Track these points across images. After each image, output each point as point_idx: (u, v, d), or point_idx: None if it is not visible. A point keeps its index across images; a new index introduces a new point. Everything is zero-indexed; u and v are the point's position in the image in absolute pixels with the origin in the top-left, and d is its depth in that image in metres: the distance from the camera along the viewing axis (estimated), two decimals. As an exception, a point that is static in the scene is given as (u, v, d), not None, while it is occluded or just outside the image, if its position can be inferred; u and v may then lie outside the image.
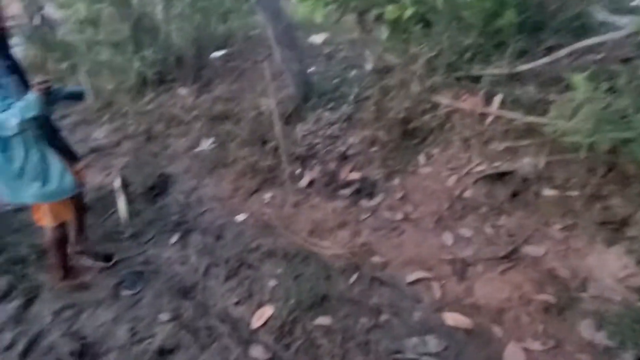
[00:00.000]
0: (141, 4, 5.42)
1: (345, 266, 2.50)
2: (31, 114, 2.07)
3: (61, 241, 2.56)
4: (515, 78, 2.92)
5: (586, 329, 1.90)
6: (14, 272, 2.78)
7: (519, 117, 2.69)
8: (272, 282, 2.48)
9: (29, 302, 2.56)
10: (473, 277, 2.27)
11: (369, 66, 3.29)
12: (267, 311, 2.30)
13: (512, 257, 2.29)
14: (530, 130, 2.67)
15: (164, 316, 2.34)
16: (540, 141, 2.61)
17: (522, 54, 3.18)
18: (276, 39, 3.64)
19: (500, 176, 2.68)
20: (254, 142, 3.79)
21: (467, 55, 3.07)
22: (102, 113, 5.61)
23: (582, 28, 3.36)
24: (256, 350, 2.10)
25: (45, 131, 2.34)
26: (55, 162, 2.35)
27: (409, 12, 2.84)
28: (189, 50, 5.60)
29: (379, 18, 3.23)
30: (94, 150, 4.60)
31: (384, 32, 3.41)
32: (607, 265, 2.12)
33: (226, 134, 4.08)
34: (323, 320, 2.17)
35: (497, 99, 2.86)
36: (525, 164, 2.59)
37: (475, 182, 2.74)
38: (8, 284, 2.67)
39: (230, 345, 2.14)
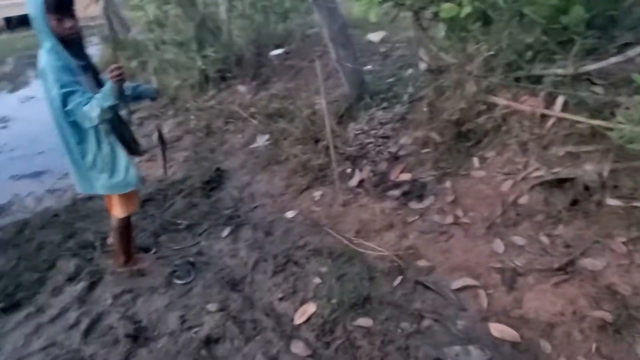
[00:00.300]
0: (205, 5, 5.66)
1: (389, 268, 2.49)
2: (109, 102, 2.15)
3: (126, 229, 2.74)
4: (581, 79, 2.74)
5: (646, 352, 1.76)
6: (81, 256, 3.03)
7: (583, 121, 2.53)
8: (316, 280, 2.51)
9: (93, 285, 2.77)
10: (523, 287, 2.17)
11: (422, 66, 3.22)
12: (310, 308, 2.33)
13: (567, 269, 2.17)
14: (594, 135, 2.51)
15: (212, 306, 2.45)
16: (605, 147, 2.44)
17: (591, 53, 2.98)
18: (331, 38, 3.66)
19: (560, 183, 2.54)
20: (306, 141, 3.84)
21: (529, 54, 2.92)
22: (167, 109, 5.93)
23: (665, 23, 3.10)
24: (297, 346, 2.14)
25: (114, 124, 2.51)
26: (122, 155, 2.53)
27: (466, 10, 2.74)
28: (249, 49, 5.78)
29: (435, 16, 3.16)
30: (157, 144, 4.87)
31: (440, 31, 3.34)
32: (675, 285, 1.95)
33: (280, 131, 4.17)
34: (364, 321, 2.18)
35: (560, 101, 2.71)
36: (588, 170, 2.43)
37: (532, 188, 2.61)
38: (75, 267, 2.91)
39: (273, 340, 2.20)
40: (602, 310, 1.95)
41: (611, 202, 2.32)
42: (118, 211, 2.59)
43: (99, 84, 2.37)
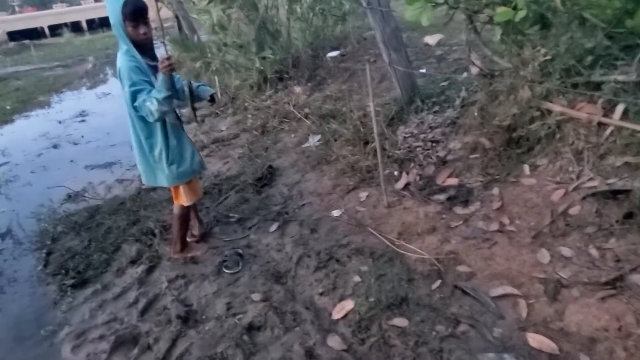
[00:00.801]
0: (266, 9, 5.88)
1: (429, 272, 2.51)
2: (162, 94, 2.33)
3: (185, 218, 2.97)
4: (645, 86, 2.60)
5: (695, 376, 1.67)
6: (142, 242, 3.30)
7: (644, 130, 2.41)
8: (356, 278, 2.58)
9: (151, 269, 3.02)
10: (566, 300, 2.11)
11: (474, 70, 3.18)
12: (348, 305, 2.41)
13: (616, 284, 2.08)
14: (656, 146, 2.38)
15: (256, 296, 2.59)
16: (667, 159, 2.31)
17: (660, 59, 2.81)
18: (383, 41, 3.70)
19: (614, 194, 2.43)
20: (356, 142, 3.91)
21: (589, 59, 2.81)
22: (227, 107, 6.23)
23: None
24: (333, 340, 2.23)
25: (176, 116, 2.73)
26: (188, 145, 2.75)
27: (521, 14, 2.69)
28: (306, 51, 5.94)
29: (490, 19, 3.11)
30: (215, 140, 5.15)
31: (496, 34, 3.28)
32: None
33: (332, 132, 4.27)
34: (399, 321, 2.22)
35: (620, 109, 2.59)
36: (646, 183, 2.32)
37: (584, 198, 2.52)
38: (137, 251, 3.17)
39: (310, 332, 2.30)
40: (650, 329, 1.87)
41: (670, 217, 2.20)
42: (184, 200, 2.82)
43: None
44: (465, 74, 4.15)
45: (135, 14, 2.39)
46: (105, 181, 4.66)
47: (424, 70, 4.46)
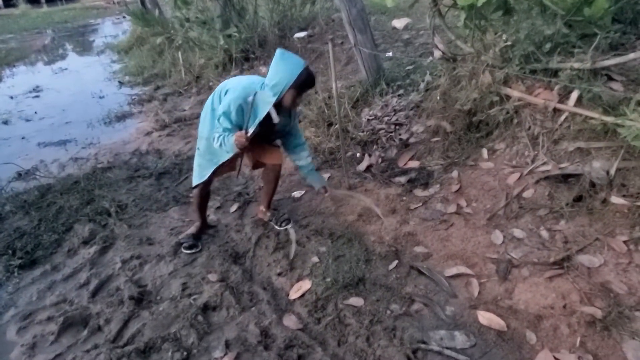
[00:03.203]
0: (232, -15, 5.71)
1: (386, 252, 2.52)
2: (226, 149, 2.41)
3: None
4: (600, 74, 2.67)
5: (631, 350, 1.75)
6: (96, 222, 3.18)
7: (596, 117, 2.48)
8: (314, 259, 2.57)
9: (104, 249, 2.92)
10: (516, 279, 2.17)
11: (437, 54, 3.19)
12: (305, 285, 2.40)
13: (563, 264, 2.15)
14: (607, 132, 2.45)
15: (213, 277, 2.54)
16: (616, 144, 2.39)
17: (615, 48, 2.89)
18: (349, 22, 3.65)
19: (566, 178, 2.50)
20: (320, 124, 3.88)
21: (547, 46, 2.86)
22: (191, 86, 6.05)
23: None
24: (289, 320, 2.21)
25: None
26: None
27: (483, -1, 2.70)
28: (273, 31, 5.82)
29: (454, 4, 3.11)
30: (178, 120, 5.00)
31: (460, 19, 3.29)
32: (672, 287, 1.92)
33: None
34: (355, 301, 2.23)
35: (574, 95, 2.65)
36: (596, 167, 2.39)
37: (538, 182, 2.59)
38: (90, 231, 3.05)
39: (267, 312, 2.27)
40: (593, 306, 1.94)
41: (616, 200, 2.28)
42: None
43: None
44: (430, 58, 4.17)
45: (305, 87, 2.37)
46: (59, 159, 4.45)
47: (390, 54, 4.45)
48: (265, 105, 2.35)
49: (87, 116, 5.65)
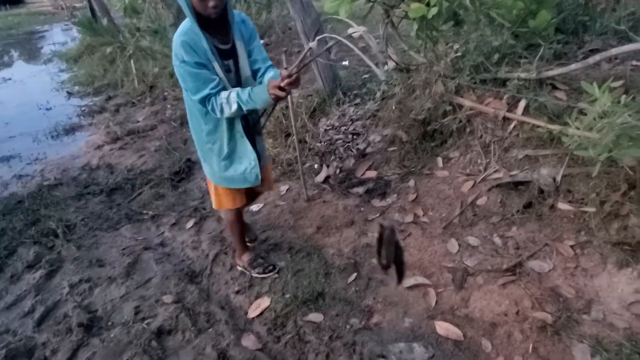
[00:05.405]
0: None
1: (346, 265, 2.51)
2: (250, 106, 1.96)
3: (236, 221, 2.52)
4: (545, 83, 2.77)
5: (580, 354, 1.81)
6: (42, 244, 3.00)
7: (542, 125, 2.57)
8: (273, 275, 2.52)
9: (51, 273, 2.76)
10: (472, 287, 2.21)
11: (391, 64, 3.23)
12: (264, 302, 2.35)
13: (515, 270, 2.21)
14: (552, 140, 2.55)
15: (168, 298, 2.45)
16: (562, 152, 2.48)
17: (559, 58, 3.02)
18: (304, 32, 3.65)
19: (517, 185, 2.58)
20: (277, 135, 3.84)
21: (496, 56, 2.96)
22: (145, 96, 5.87)
23: (635, 29, 3.14)
24: (248, 340, 2.16)
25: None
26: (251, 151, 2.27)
27: (434, 11, 2.75)
28: (229, 39, 5.72)
29: (406, 15, 3.16)
30: (131, 132, 4.83)
31: (413, 29, 3.34)
32: (616, 289, 2.01)
33: (254, 124, 4.15)
34: (315, 316, 2.20)
35: (522, 104, 2.74)
36: (543, 174, 2.48)
37: (490, 189, 2.65)
38: (35, 255, 2.88)
39: (224, 333, 2.21)
40: (544, 312, 2.00)
41: (563, 206, 2.37)
42: (213, 201, 2.47)
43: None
44: (385, 67, 4.22)
45: None
46: (1, 177, 4.18)
47: (346, 63, 4.47)
48: (196, 28, 1.85)
49: (33, 129, 5.35)
